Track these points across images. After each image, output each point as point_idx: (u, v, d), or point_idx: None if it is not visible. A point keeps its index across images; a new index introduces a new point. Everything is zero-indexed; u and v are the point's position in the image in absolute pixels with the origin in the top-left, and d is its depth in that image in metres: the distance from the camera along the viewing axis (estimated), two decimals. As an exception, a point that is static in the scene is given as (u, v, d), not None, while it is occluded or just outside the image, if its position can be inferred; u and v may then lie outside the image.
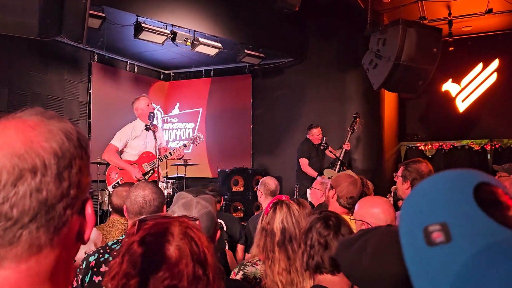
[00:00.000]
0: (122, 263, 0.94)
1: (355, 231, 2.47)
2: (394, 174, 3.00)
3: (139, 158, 4.71)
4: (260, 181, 3.71)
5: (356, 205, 2.27)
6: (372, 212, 2.14)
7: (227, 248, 2.94)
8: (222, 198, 3.93)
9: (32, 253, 0.59)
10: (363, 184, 3.09)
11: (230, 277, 2.10)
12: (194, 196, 1.65)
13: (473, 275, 0.38)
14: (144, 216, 1.02)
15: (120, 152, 4.75)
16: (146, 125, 4.62)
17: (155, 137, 4.55)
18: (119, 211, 2.76)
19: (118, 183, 4.58)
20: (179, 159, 5.11)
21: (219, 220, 2.41)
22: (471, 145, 7.96)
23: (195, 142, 5.25)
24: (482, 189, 0.46)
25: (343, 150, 5.98)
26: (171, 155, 4.81)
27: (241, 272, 2.12)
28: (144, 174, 4.68)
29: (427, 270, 0.43)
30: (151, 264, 0.91)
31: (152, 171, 4.71)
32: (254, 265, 2.13)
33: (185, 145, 5.13)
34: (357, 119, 6.18)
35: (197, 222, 1.04)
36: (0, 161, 0.58)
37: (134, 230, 0.99)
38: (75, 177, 0.62)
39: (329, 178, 3.33)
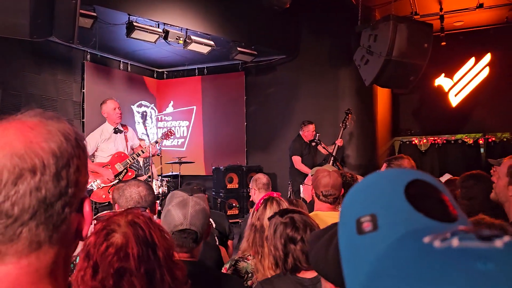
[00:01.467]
0: (81, 259, 1.01)
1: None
2: (377, 171, 3.02)
3: (111, 159, 4.72)
4: (252, 179, 3.74)
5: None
6: None
7: (217, 243, 2.98)
8: (206, 195, 3.96)
9: (32, 250, 0.61)
10: (353, 180, 3.11)
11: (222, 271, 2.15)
12: (189, 195, 1.69)
13: (389, 258, 0.41)
14: (98, 215, 1.09)
15: (93, 156, 4.78)
16: (114, 128, 4.65)
17: (135, 136, 4.59)
18: None
19: (92, 185, 4.62)
20: (153, 156, 5.10)
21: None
22: (465, 139, 8.01)
23: (167, 138, 5.21)
24: (416, 185, 0.49)
25: (336, 146, 6.01)
26: (143, 152, 4.83)
27: (232, 268, 2.16)
28: (117, 175, 4.70)
29: (354, 255, 0.47)
30: (101, 253, 0.99)
31: (126, 170, 4.73)
32: (245, 260, 2.17)
33: (156, 142, 5.13)
34: (349, 115, 6.21)
35: (146, 211, 1.12)
36: (1, 161, 0.60)
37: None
38: (73, 176, 0.64)
39: (312, 175, 3.34)
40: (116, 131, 4.66)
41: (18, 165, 0.60)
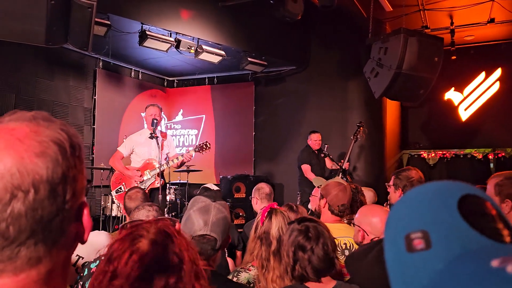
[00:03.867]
0: (102, 262, 0.98)
1: (353, 236, 2.50)
2: (386, 184, 3.00)
3: (143, 165, 4.79)
4: (254, 188, 3.69)
5: (358, 212, 2.30)
6: (370, 220, 2.17)
7: (226, 255, 2.96)
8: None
9: (32, 265, 0.59)
10: (358, 192, 3.11)
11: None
12: (212, 201, 1.68)
13: (449, 280, 0.39)
14: (126, 222, 1.07)
15: (129, 159, 4.86)
16: (150, 134, 4.69)
17: (158, 144, 4.60)
18: None
19: (120, 188, 4.67)
20: (188, 161, 5.05)
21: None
22: (474, 154, 7.95)
23: (201, 151, 5.10)
24: (468, 200, 0.47)
25: (347, 158, 5.95)
26: (178, 159, 4.84)
27: (235, 279, 2.15)
28: (144, 182, 4.73)
29: (404, 274, 0.44)
30: (125, 258, 0.95)
31: (153, 178, 4.75)
32: (247, 271, 2.16)
33: (188, 151, 5.11)
34: (361, 128, 6.14)
35: (176, 225, 1.09)
36: None
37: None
38: (69, 189, 0.61)
39: (318, 187, 3.30)
40: (152, 136, 4.66)
41: (11, 184, 0.56)
